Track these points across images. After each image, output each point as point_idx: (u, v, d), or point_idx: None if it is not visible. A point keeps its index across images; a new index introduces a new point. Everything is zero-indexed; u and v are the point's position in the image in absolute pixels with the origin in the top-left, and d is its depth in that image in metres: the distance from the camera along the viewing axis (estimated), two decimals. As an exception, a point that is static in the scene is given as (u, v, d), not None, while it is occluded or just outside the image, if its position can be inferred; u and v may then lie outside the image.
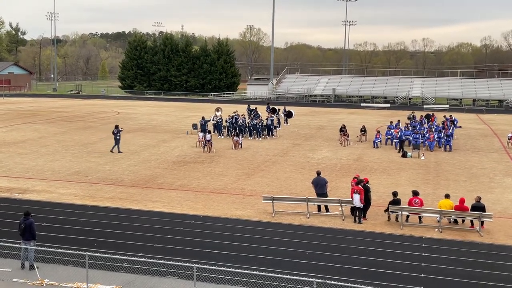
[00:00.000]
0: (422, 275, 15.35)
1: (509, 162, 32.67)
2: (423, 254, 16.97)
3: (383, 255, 16.82)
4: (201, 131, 37.56)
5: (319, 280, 12.20)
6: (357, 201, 19.86)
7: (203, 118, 41.36)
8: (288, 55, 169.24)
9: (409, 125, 40.71)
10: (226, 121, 41.88)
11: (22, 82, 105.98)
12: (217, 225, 19.46)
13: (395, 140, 37.02)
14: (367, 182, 21.36)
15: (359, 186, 20.17)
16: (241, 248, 17.24)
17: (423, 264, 16.13)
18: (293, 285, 13.85)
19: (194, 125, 42.44)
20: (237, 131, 39.51)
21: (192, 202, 22.64)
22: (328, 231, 19.12)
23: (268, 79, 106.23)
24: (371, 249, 17.25)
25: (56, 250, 14.90)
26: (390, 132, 38.93)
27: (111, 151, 33.76)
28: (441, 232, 19.09)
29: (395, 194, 20.42)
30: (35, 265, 15.18)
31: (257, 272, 13.31)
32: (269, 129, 41.88)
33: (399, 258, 16.57)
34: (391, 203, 20.14)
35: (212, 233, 18.63)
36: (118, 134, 33.93)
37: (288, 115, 50.67)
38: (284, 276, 13.26)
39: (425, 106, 72.08)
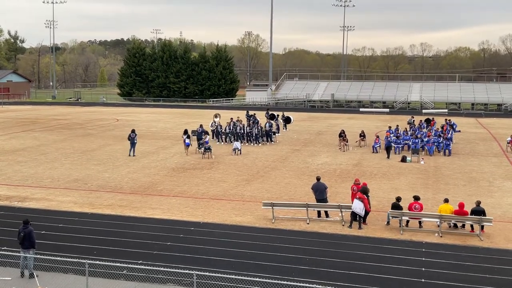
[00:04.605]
0: (423, 279, 15.32)
1: (508, 166, 32.68)
2: (423, 258, 16.95)
3: (383, 260, 16.79)
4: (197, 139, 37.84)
5: (320, 286, 12.18)
6: (356, 207, 19.81)
7: (201, 126, 41.25)
8: (287, 61, 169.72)
9: (407, 130, 40.76)
10: (225, 129, 41.80)
11: (21, 90, 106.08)
12: (217, 232, 19.43)
13: (394, 145, 36.90)
14: (366, 186, 21.37)
15: (363, 194, 20.11)
16: (241, 254, 17.21)
17: (423, 268, 16.10)
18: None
19: (194, 132, 42.45)
20: (235, 137, 39.61)
21: (191, 208, 22.61)
22: (328, 237, 19.10)
23: (267, 84, 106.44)
24: (371, 254, 17.22)
25: (56, 258, 14.85)
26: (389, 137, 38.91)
27: (134, 155, 35.14)
28: (441, 236, 19.07)
29: (398, 199, 20.39)
30: (34, 273, 15.14)
31: (257, 279, 13.28)
32: (268, 135, 41.87)
33: (399, 263, 16.54)
34: (393, 206, 20.16)
35: (212, 239, 18.59)
36: (135, 138, 35.84)
37: (287, 120, 50.63)
38: (284, 282, 13.23)
39: (423, 111, 72.17)
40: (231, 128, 41.45)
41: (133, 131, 36.29)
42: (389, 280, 15.28)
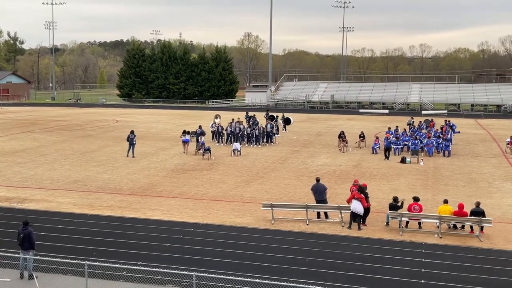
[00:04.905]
0: (422, 281, 15.32)
1: (508, 167, 32.70)
2: (423, 259, 16.95)
3: (382, 261, 16.79)
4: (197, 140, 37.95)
5: (319, 287, 12.18)
6: (356, 207, 19.81)
7: (200, 127, 41.22)
8: (286, 62, 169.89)
9: (407, 131, 40.74)
10: (226, 129, 41.85)
11: (20, 91, 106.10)
12: (217, 233, 19.43)
13: (393, 146, 36.88)
14: (366, 187, 21.38)
15: (361, 193, 20.14)
16: (241, 255, 17.21)
17: (423, 270, 16.10)
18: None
19: (193, 133, 42.50)
20: (235, 138, 39.60)
21: (191, 210, 22.60)
22: (328, 238, 19.10)
23: (266, 86, 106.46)
24: (371, 255, 17.22)
25: (55, 259, 14.85)
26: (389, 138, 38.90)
27: (133, 156, 35.09)
28: (440, 237, 19.07)
29: (395, 199, 20.42)
30: (34, 274, 15.13)
31: (257, 280, 13.29)
32: (268, 136, 41.86)
33: (399, 264, 16.54)
34: (390, 207, 20.16)
35: (212, 241, 18.59)
36: (134, 139, 35.97)
37: (286, 121, 50.64)
38: (284, 283, 13.22)
39: (423, 112, 72.21)
40: (233, 128, 41.42)
41: (132, 132, 36.33)
42: (389, 281, 15.28)
